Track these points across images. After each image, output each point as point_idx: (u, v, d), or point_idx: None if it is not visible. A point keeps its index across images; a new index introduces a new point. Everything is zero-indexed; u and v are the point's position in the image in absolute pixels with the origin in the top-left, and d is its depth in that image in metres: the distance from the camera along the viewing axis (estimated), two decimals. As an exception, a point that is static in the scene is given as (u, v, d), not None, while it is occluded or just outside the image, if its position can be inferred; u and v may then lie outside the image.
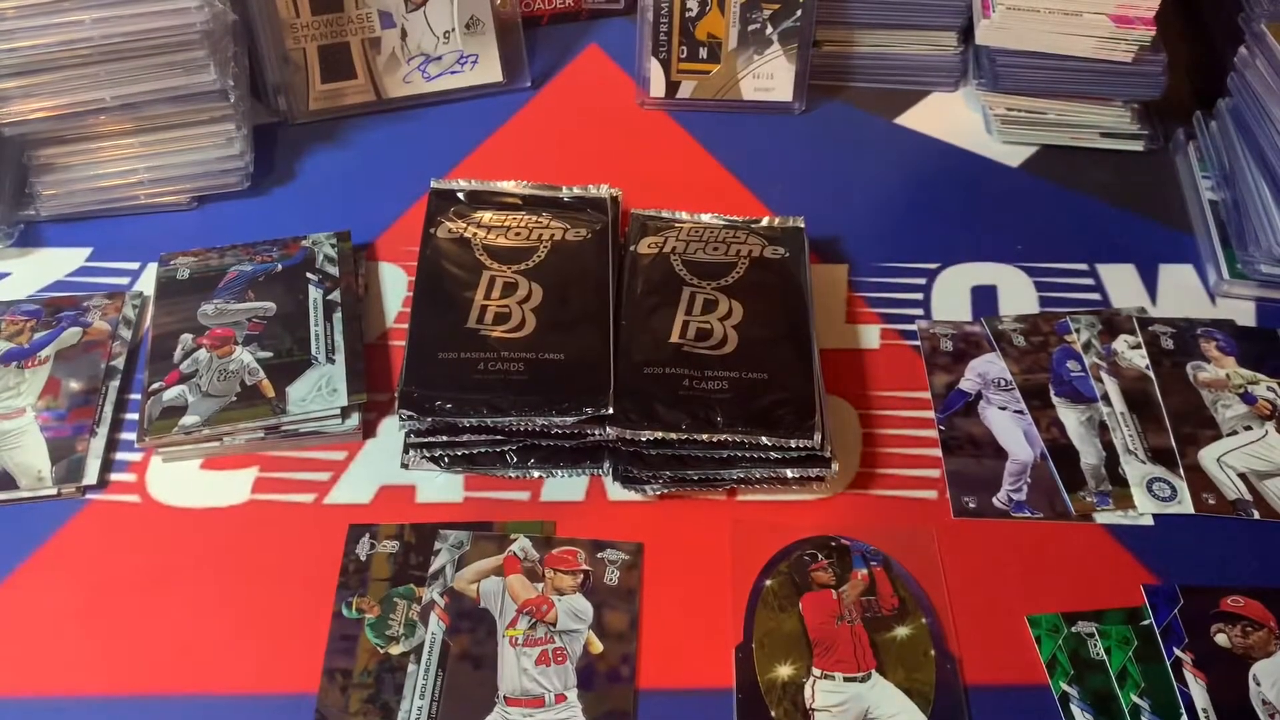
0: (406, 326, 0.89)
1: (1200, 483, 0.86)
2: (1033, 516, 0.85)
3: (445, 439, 0.84)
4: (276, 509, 0.85)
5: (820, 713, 0.74)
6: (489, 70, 1.18)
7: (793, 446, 0.82)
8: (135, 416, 0.89)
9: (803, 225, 0.99)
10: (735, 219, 1.00)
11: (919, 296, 1.00)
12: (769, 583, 0.80)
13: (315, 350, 0.91)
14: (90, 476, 0.85)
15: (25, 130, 0.99)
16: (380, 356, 0.95)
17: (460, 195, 1.00)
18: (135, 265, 1.02)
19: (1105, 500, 0.85)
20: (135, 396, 0.91)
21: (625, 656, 0.77)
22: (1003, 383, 0.93)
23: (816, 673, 0.76)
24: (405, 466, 0.85)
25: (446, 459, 0.85)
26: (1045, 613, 0.79)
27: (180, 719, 0.74)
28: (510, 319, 0.88)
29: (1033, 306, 0.99)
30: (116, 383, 0.92)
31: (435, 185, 1.01)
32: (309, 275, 0.97)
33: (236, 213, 1.06)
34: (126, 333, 0.95)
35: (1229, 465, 0.87)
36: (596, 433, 0.83)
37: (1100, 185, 1.11)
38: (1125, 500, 0.85)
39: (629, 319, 0.89)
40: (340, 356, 0.91)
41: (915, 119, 1.18)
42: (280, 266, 0.98)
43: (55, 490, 0.85)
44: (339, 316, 0.94)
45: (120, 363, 0.93)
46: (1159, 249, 1.05)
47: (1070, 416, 0.91)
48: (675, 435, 0.82)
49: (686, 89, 1.17)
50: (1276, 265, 0.98)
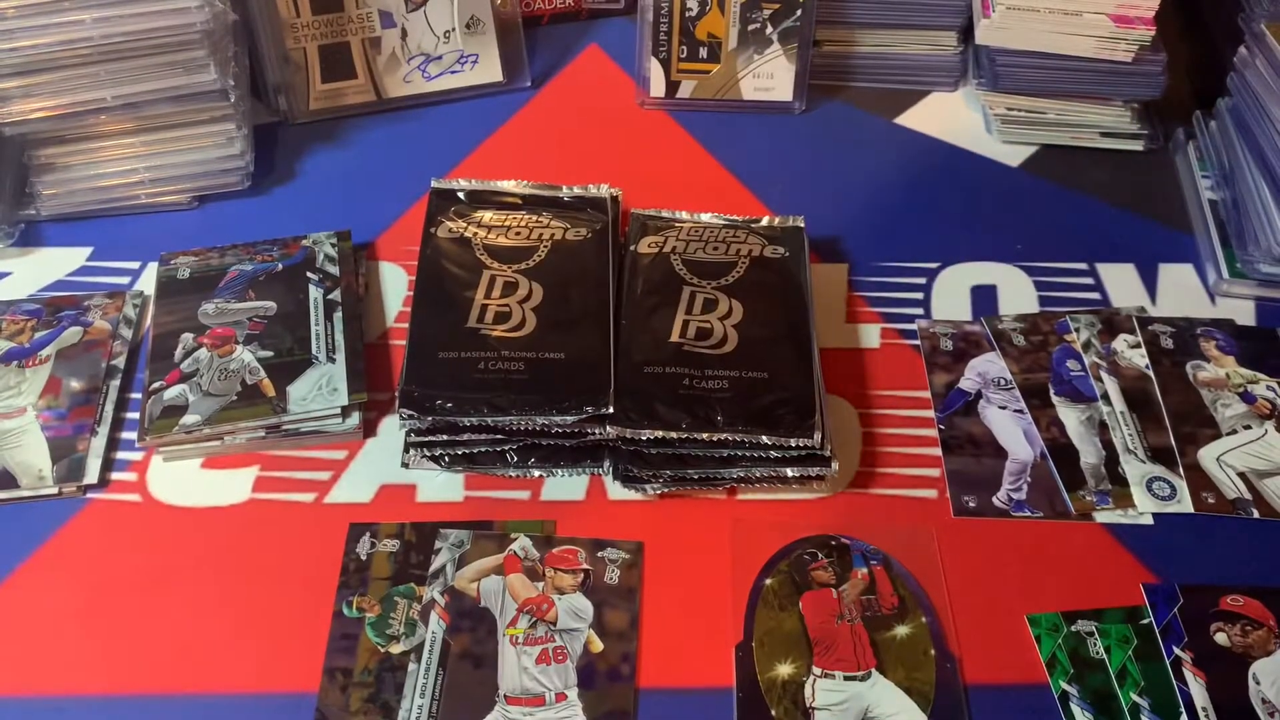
0: (407, 326, 0.89)
1: (1200, 482, 0.86)
2: (1033, 516, 0.85)
3: (445, 438, 0.84)
4: (277, 508, 0.85)
5: (820, 711, 0.74)
6: (489, 70, 1.19)
7: (793, 446, 0.82)
8: (136, 416, 0.89)
9: (803, 225, 0.99)
10: (735, 219, 1.00)
11: (919, 296, 1.00)
12: (769, 582, 0.80)
13: (316, 349, 0.91)
14: (91, 476, 0.85)
15: (25, 130, 0.99)
16: (380, 356, 0.95)
17: (460, 195, 1.00)
18: (136, 265, 1.02)
19: (1105, 499, 0.85)
20: (136, 396, 0.91)
21: (625, 655, 0.77)
22: (1003, 382, 0.93)
23: (816, 671, 0.76)
24: (406, 466, 0.85)
25: (447, 458, 0.85)
26: (1045, 612, 0.79)
27: (180, 719, 0.74)
28: (510, 318, 0.88)
29: (1033, 306, 0.99)
30: (117, 382, 0.92)
31: (435, 185, 1.01)
32: (309, 275, 0.97)
33: (237, 212, 1.06)
34: (127, 332, 0.95)
35: (1229, 464, 0.87)
36: (597, 432, 0.83)
37: (1100, 185, 1.11)
38: (1125, 499, 0.85)
39: (629, 318, 0.89)
40: (341, 356, 0.91)
41: (915, 119, 1.18)
42: (281, 266, 0.98)
43: (56, 489, 0.85)
44: (339, 316, 0.94)
45: (121, 362, 0.93)
46: (1159, 249, 1.05)
47: (1070, 416, 0.91)
48: (675, 434, 0.82)
49: (686, 89, 1.17)
50: (1276, 265, 0.98)
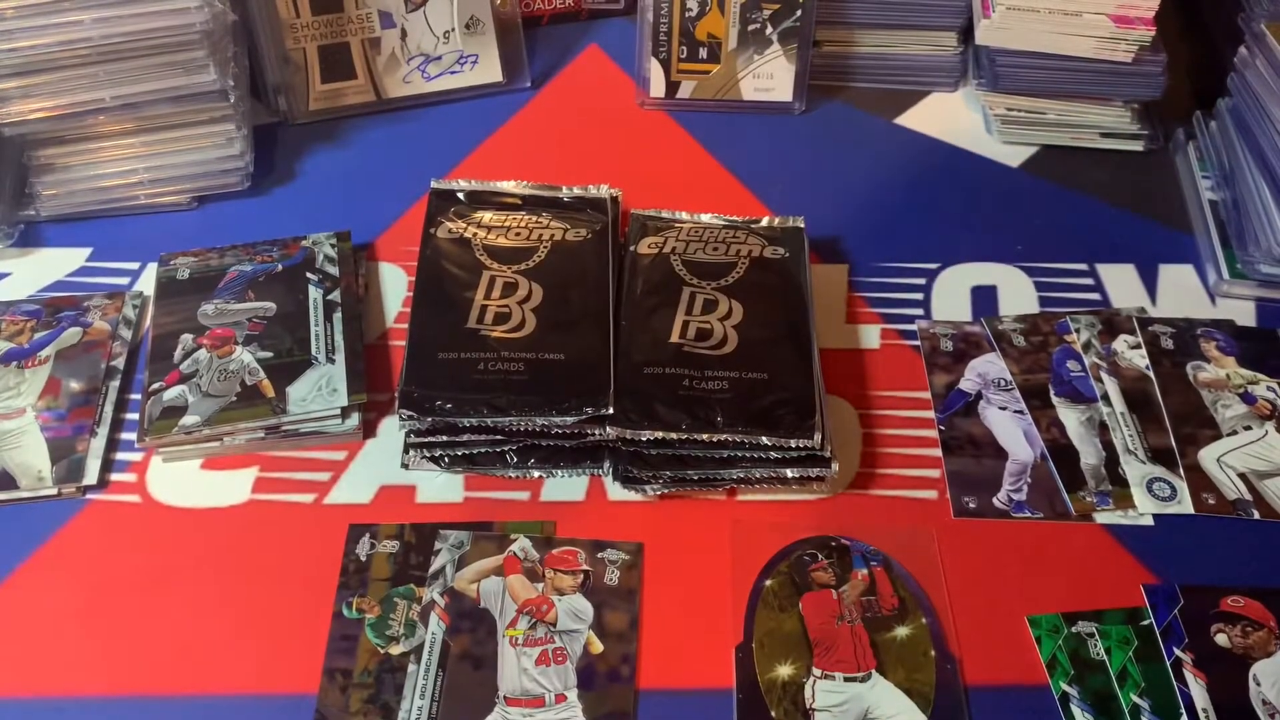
0: (406, 326, 0.89)
1: (1200, 483, 0.86)
2: (1033, 516, 0.85)
3: (445, 439, 0.84)
4: (277, 509, 0.85)
5: (820, 713, 0.74)
6: (489, 70, 1.19)
7: (793, 446, 0.82)
8: (135, 416, 0.89)
9: (803, 225, 0.99)
10: (735, 219, 1.00)
11: (919, 296, 1.00)
12: (769, 583, 0.80)
13: (315, 350, 0.91)
14: (90, 476, 0.85)
15: (25, 130, 0.99)
16: (380, 356, 0.95)
17: (460, 195, 1.00)
18: (135, 265, 1.02)
19: (1105, 500, 0.85)
20: (135, 396, 0.91)
21: (625, 656, 0.77)
22: (1003, 383, 0.93)
23: (817, 673, 0.76)
24: (405, 466, 0.85)
25: (447, 459, 0.85)
26: (1045, 613, 0.79)
27: (180, 719, 0.74)
28: (510, 319, 0.88)
29: (1033, 306, 0.99)
30: (117, 383, 0.92)
31: (435, 185, 1.01)
32: (309, 275, 0.97)
33: (236, 213, 1.06)
34: (127, 333, 0.95)
35: (1229, 465, 0.87)
36: (596, 433, 0.83)
37: (1100, 185, 1.11)
38: (1125, 500, 0.85)
39: (629, 319, 0.89)
40: (340, 356, 0.91)
41: (915, 119, 1.18)
42: (280, 266, 0.98)
43: (55, 490, 0.85)
44: (339, 316, 0.94)
45: (120, 363, 0.93)
46: (1159, 249, 1.05)
47: (1070, 416, 0.91)
48: (675, 435, 0.82)
49: (686, 89, 1.17)
50: (1276, 265, 0.98)
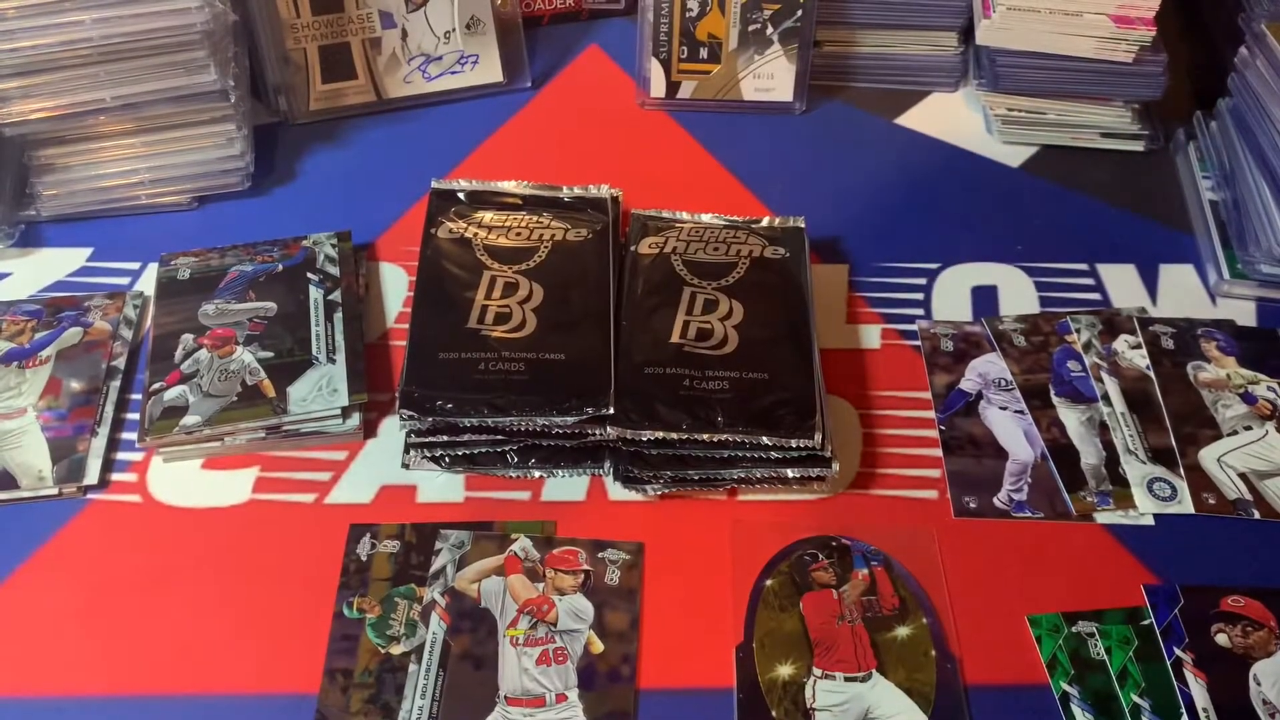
0: (407, 326, 0.89)
1: (1200, 482, 0.86)
2: (1033, 516, 0.85)
3: (446, 439, 0.84)
4: (277, 509, 0.85)
5: (821, 712, 0.74)
6: (489, 70, 1.19)
7: (793, 446, 0.82)
8: (136, 416, 0.89)
9: (803, 225, 0.99)
10: (735, 219, 1.00)
11: (919, 296, 1.00)
12: (769, 582, 0.80)
13: (316, 350, 0.91)
14: (91, 476, 0.85)
15: (26, 130, 0.99)
16: (381, 356, 0.95)
17: (461, 195, 1.00)
18: (136, 265, 1.02)
19: (1106, 500, 0.85)
20: (136, 396, 0.91)
21: (626, 656, 0.77)
22: (1003, 383, 0.93)
23: (817, 672, 0.76)
24: (406, 466, 0.85)
25: (447, 459, 0.85)
26: (1045, 613, 0.79)
27: (180, 719, 0.74)
28: (511, 319, 0.88)
29: (1033, 306, 0.99)
30: (117, 383, 0.92)
31: (436, 185, 1.01)
32: (310, 275, 0.97)
33: (237, 213, 1.06)
34: (127, 333, 0.95)
35: (1229, 465, 0.87)
36: (597, 433, 0.83)
37: (1100, 185, 1.11)
38: (1126, 500, 0.85)
39: (629, 319, 0.89)
40: (341, 356, 0.91)
41: (915, 119, 1.18)
42: (281, 266, 0.98)
43: (56, 490, 0.85)
44: (340, 316, 0.94)
45: (121, 363, 0.93)
46: (1159, 249, 1.05)
47: (1070, 416, 0.91)
48: (676, 435, 0.82)
49: (687, 89, 1.17)
50: (1277, 265, 0.98)
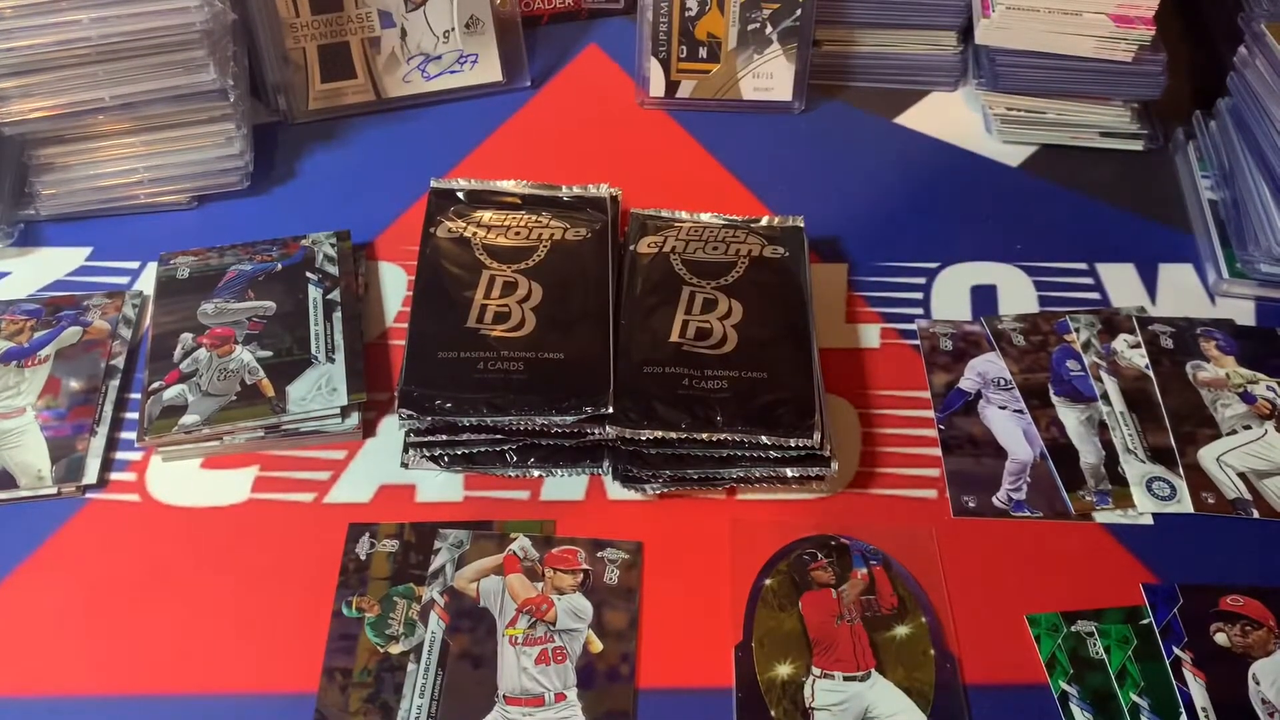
0: (406, 326, 0.89)
1: (1200, 482, 0.86)
2: (1032, 516, 0.85)
3: (445, 438, 0.83)
4: (276, 508, 0.85)
5: (820, 712, 0.74)
6: (489, 70, 1.19)
7: (792, 446, 0.82)
8: (135, 416, 0.89)
9: (802, 225, 0.99)
10: (735, 218, 1.00)
11: (919, 296, 1.00)
12: (769, 582, 0.80)
13: (315, 349, 0.91)
14: (90, 476, 0.85)
15: (25, 130, 0.99)
16: (380, 356, 0.95)
17: (460, 195, 1.00)
18: (135, 264, 1.02)
19: (1105, 499, 0.85)
20: (135, 396, 0.91)
21: (625, 655, 0.77)
22: (1002, 382, 0.93)
23: (816, 672, 0.76)
24: (405, 466, 0.85)
25: (446, 458, 0.85)
26: (1045, 612, 0.79)
27: (180, 719, 0.74)
28: (510, 318, 0.88)
29: (1032, 306, 0.99)
30: (116, 382, 0.92)
31: (435, 185, 1.01)
32: (309, 274, 0.97)
33: (236, 212, 1.06)
34: (126, 332, 0.95)
35: (1228, 464, 0.87)
36: (596, 432, 0.83)
37: (1100, 185, 1.11)
38: (1125, 499, 0.85)
39: (629, 318, 0.89)
40: (340, 356, 0.91)
41: (915, 119, 1.18)
42: (280, 266, 0.98)
43: (55, 489, 0.85)
44: (339, 316, 0.94)
45: (120, 362, 0.93)
46: (1159, 249, 1.05)
47: (1070, 416, 0.91)
48: (675, 434, 0.82)
49: (686, 88, 1.17)
50: (1276, 264, 0.98)
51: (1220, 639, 0.77)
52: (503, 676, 0.75)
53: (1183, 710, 0.73)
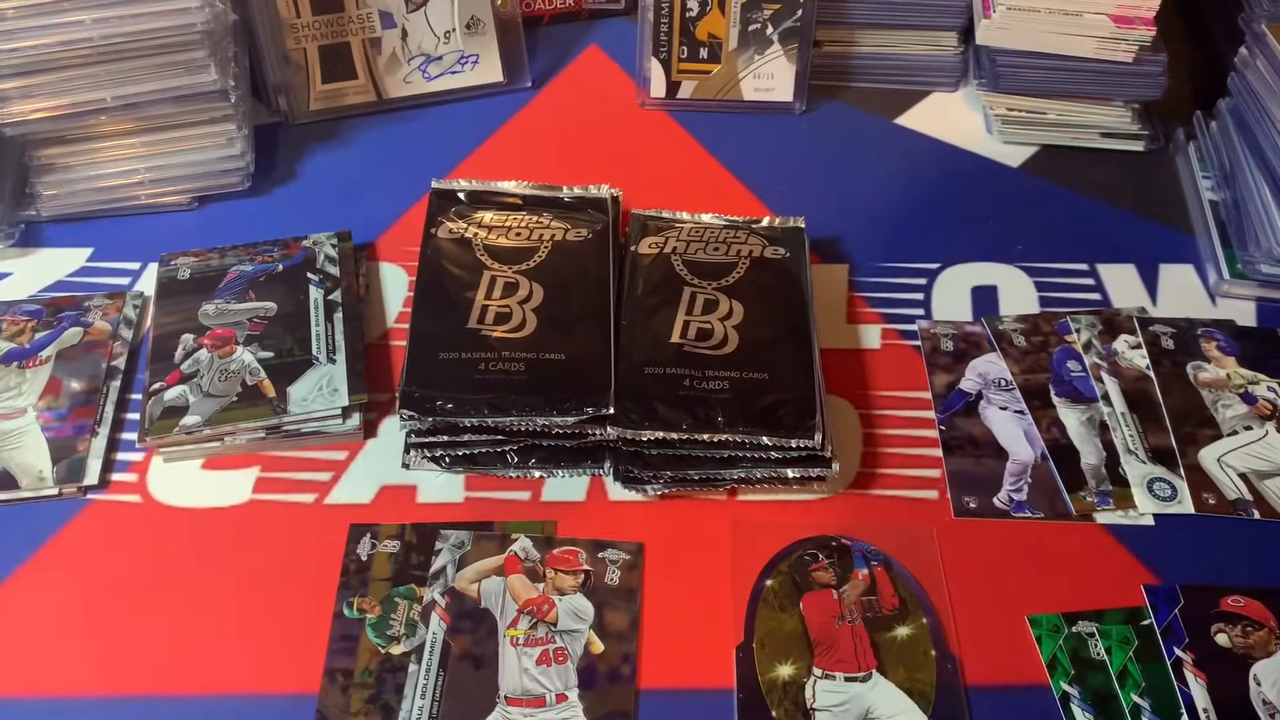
0: (407, 326, 0.89)
1: (1200, 482, 0.86)
2: (1033, 516, 0.85)
3: (446, 439, 0.83)
4: (277, 509, 0.85)
5: (821, 712, 0.74)
6: (489, 70, 1.19)
7: (793, 446, 0.82)
8: (136, 416, 0.89)
9: (803, 225, 0.99)
10: (735, 219, 1.00)
11: (919, 296, 1.00)
12: (770, 582, 0.80)
13: (316, 350, 0.91)
14: (91, 476, 0.85)
15: (26, 130, 0.99)
16: (381, 356, 0.95)
17: (461, 195, 1.00)
18: (136, 265, 1.02)
19: (1106, 500, 0.85)
20: (136, 396, 0.91)
21: (626, 656, 0.77)
22: (1003, 383, 0.93)
23: (817, 672, 0.76)
24: (406, 466, 0.85)
25: (447, 459, 0.85)
26: (1046, 613, 0.79)
27: (180, 719, 0.74)
28: (511, 319, 0.88)
29: (1033, 306, 0.99)
30: (117, 383, 0.92)
31: (436, 185, 1.01)
32: (310, 275, 0.97)
33: (237, 213, 1.06)
34: (127, 333, 0.95)
35: (1229, 465, 0.87)
36: (597, 433, 0.83)
37: (1100, 185, 1.11)
38: (1126, 500, 0.85)
39: (629, 319, 0.89)
40: (341, 356, 0.91)
41: (915, 119, 1.18)
42: (281, 266, 0.98)
43: (56, 490, 0.85)
44: (340, 316, 0.94)
45: (121, 363, 0.93)
46: (1159, 249, 1.05)
47: (1070, 416, 0.91)
48: (676, 435, 0.82)
49: (687, 89, 1.17)
50: (1277, 265, 0.98)
51: (1221, 640, 0.77)
52: (504, 677, 0.76)
53: (1184, 711, 0.73)
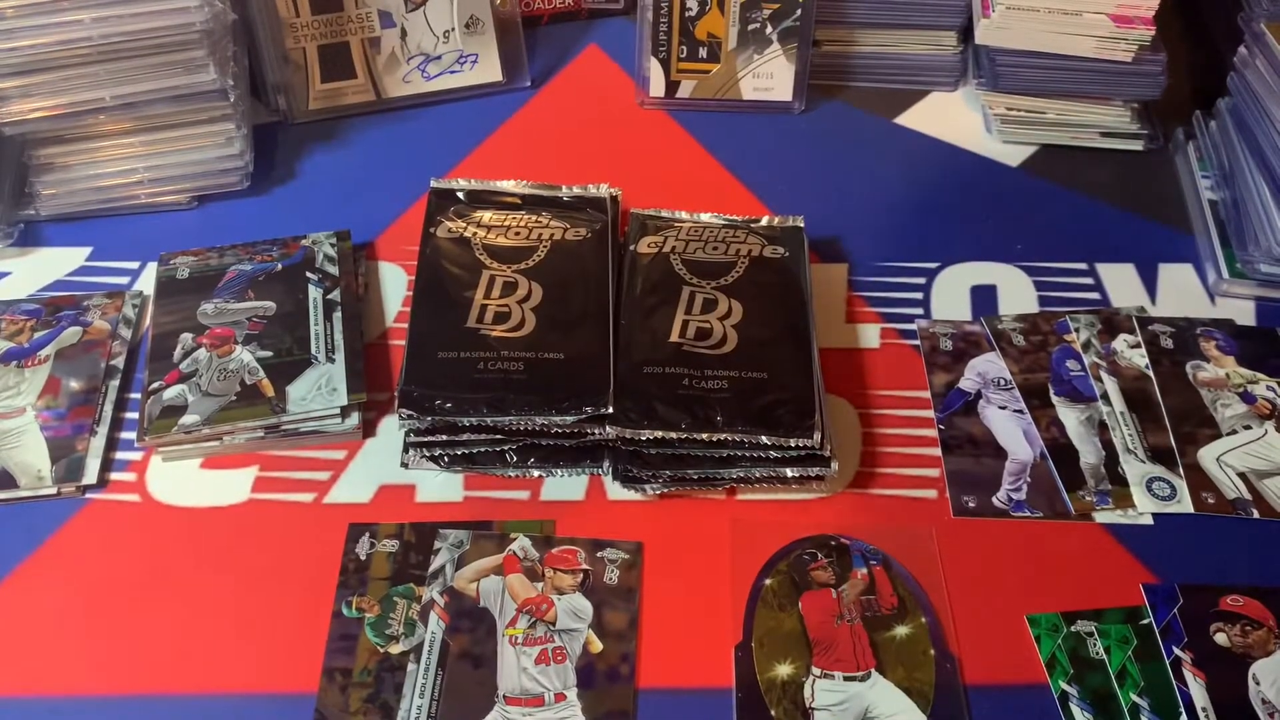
0: (406, 326, 0.89)
1: (1200, 482, 0.86)
2: (1032, 516, 0.85)
3: (445, 438, 0.83)
4: (276, 508, 0.85)
5: (820, 712, 0.74)
6: (489, 70, 1.19)
7: (792, 446, 0.82)
8: (135, 416, 0.89)
9: (802, 225, 0.99)
10: (735, 218, 1.00)
11: (919, 296, 1.00)
12: (769, 582, 0.80)
13: (315, 349, 0.91)
14: (90, 476, 0.85)
15: (25, 130, 0.99)
16: (380, 356, 0.95)
17: (460, 195, 1.00)
18: (135, 264, 1.02)
19: (1105, 499, 0.85)
20: (135, 396, 0.91)
21: (625, 655, 0.77)
22: (1002, 382, 0.93)
23: (816, 672, 0.76)
24: (405, 466, 0.85)
25: (446, 458, 0.85)
26: (1045, 612, 0.79)
27: (180, 719, 0.74)
28: (510, 318, 0.88)
29: (1032, 306, 0.99)
30: (116, 382, 0.92)
31: (435, 185, 1.01)
32: (309, 274, 0.97)
33: (236, 212, 1.06)
34: (126, 332, 0.95)
35: (1228, 464, 0.87)
36: (596, 432, 0.83)
37: (1100, 185, 1.11)
38: (1125, 499, 0.85)
39: (629, 318, 0.89)
40: (340, 356, 0.91)
41: (915, 119, 1.18)
42: (280, 266, 0.98)
43: (55, 489, 0.85)
44: (339, 316, 0.94)
45: (120, 362, 0.93)
46: (1159, 249, 1.05)
47: (1070, 416, 0.91)
48: (675, 434, 0.82)
49: (686, 88, 1.17)
50: (1276, 265, 0.98)
51: (1220, 639, 0.77)
52: (503, 676, 0.75)
53: (1183, 710, 0.73)
